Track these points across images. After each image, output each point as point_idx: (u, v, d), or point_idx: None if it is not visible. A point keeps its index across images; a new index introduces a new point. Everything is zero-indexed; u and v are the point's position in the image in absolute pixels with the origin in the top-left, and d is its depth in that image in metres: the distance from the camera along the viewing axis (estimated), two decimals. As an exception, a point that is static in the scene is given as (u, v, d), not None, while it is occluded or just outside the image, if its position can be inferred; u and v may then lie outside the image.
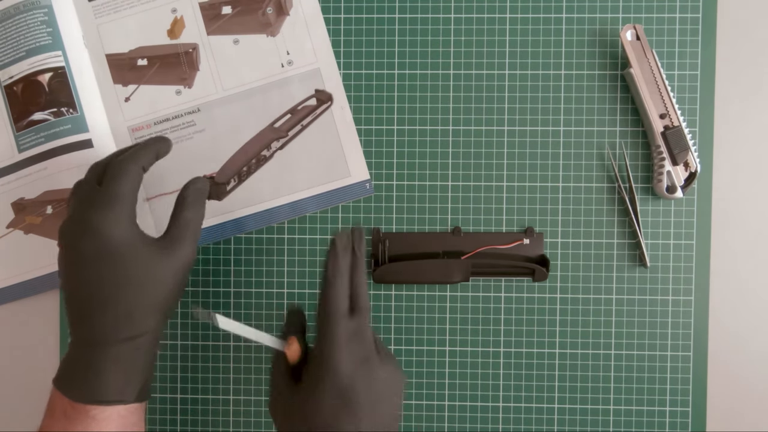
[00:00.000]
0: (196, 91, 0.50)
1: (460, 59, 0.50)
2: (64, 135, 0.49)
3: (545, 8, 0.49)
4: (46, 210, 0.50)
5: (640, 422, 0.49)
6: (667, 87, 0.47)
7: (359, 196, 0.50)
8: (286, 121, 0.50)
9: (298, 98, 0.50)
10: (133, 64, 0.50)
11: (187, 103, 0.50)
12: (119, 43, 0.50)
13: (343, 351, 0.37)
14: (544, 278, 0.49)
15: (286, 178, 0.50)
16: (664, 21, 0.49)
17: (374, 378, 0.37)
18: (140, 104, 0.50)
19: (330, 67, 0.50)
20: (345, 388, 0.37)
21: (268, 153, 0.50)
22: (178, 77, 0.50)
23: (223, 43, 0.50)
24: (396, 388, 0.39)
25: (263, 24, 0.50)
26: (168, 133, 0.50)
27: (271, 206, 0.50)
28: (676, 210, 0.49)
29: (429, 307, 0.50)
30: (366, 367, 0.37)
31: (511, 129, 0.50)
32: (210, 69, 0.50)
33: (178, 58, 0.50)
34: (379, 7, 0.50)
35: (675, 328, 0.49)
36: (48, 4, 0.49)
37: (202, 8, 0.50)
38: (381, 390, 0.38)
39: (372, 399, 0.37)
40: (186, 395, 0.51)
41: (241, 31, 0.50)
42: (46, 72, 0.49)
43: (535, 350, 0.50)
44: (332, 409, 0.36)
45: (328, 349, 0.37)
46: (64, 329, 0.51)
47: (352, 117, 0.50)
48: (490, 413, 0.50)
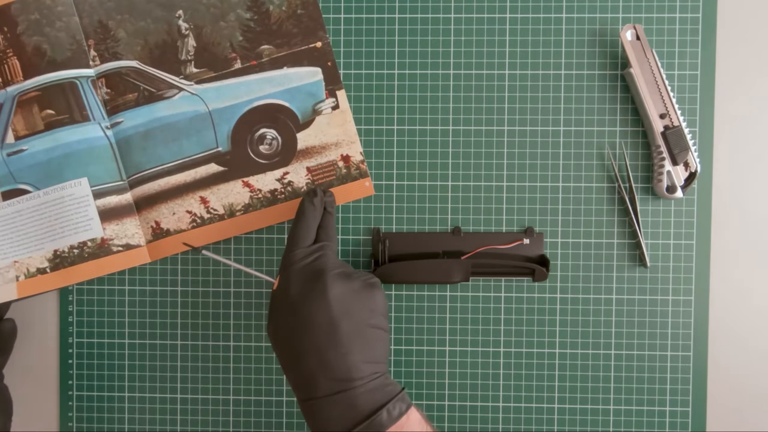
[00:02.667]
0: None
1: (460, 59, 0.50)
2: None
3: (545, 8, 0.49)
4: None
5: (640, 422, 0.49)
6: (667, 87, 0.47)
7: (359, 196, 0.50)
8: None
9: None
10: None
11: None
12: None
13: (290, 275, 0.41)
14: (544, 278, 0.49)
15: None
16: (664, 21, 0.49)
17: (324, 292, 0.40)
18: None
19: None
20: (294, 305, 0.40)
21: None
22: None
23: None
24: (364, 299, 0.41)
25: None
26: None
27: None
28: (676, 210, 0.49)
29: (429, 307, 0.50)
30: (313, 285, 0.40)
31: (511, 129, 0.50)
32: None
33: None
34: (379, 7, 0.50)
35: (675, 328, 0.49)
36: None
37: None
38: (341, 306, 0.40)
39: (326, 310, 0.40)
40: (186, 395, 0.51)
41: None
42: None
43: (535, 350, 0.50)
44: (289, 324, 0.40)
45: (281, 276, 0.42)
46: (65, 329, 0.51)
47: (352, 116, 0.50)
48: (490, 413, 0.50)
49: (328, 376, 0.39)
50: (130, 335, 0.51)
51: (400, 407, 0.39)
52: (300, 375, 0.40)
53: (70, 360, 0.51)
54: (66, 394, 0.51)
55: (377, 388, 0.39)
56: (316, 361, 0.39)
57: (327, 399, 0.39)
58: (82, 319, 0.51)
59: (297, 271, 0.41)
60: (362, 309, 0.41)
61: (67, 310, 0.51)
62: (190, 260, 0.51)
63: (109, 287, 0.51)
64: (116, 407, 0.51)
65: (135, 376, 0.51)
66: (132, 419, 0.51)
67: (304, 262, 0.42)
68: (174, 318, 0.51)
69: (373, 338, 0.41)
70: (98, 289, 0.51)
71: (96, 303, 0.51)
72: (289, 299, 0.41)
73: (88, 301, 0.51)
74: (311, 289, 0.40)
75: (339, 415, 0.38)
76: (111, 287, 0.51)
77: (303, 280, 0.41)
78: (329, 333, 0.39)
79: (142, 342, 0.51)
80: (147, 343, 0.51)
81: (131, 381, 0.51)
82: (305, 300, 0.40)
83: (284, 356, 0.41)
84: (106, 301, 0.51)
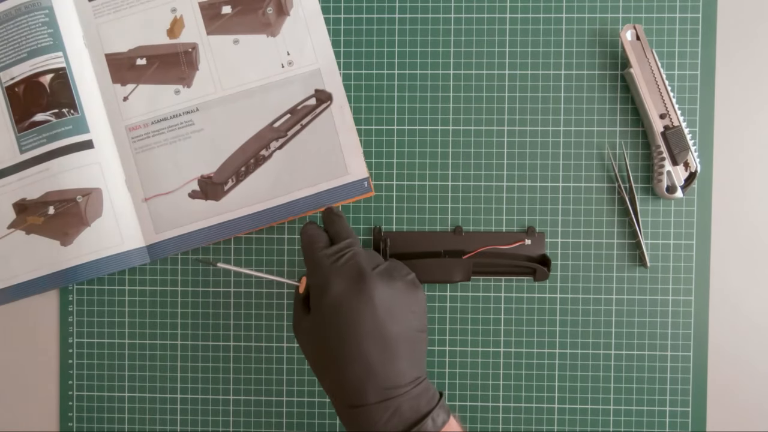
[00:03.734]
0: (195, 90, 0.50)
1: (460, 59, 0.50)
2: (65, 136, 0.49)
3: (545, 8, 0.49)
4: (48, 210, 0.50)
5: (640, 422, 0.49)
6: (667, 87, 0.47)
7: (358, 195, 0.50)
8: (285, 121, 0.50)
9: (298, 98, 0.50)
10: (132, 63, 0.50)
11: (185, 103, 0.50)
12: (119, 43, 0.50)
13: (327, 276, 0.39)
14: (546, 278, 0.49)
15: (284, 178, 0.50)
16: (664, 21, 0.49)
17: (370, 295, 0.38)
18: (138, 103, 0.50)
19: (330, 67, 0.50)
20: (337, 308, 0.38)
21: (266, 153, 0.50)
22: (177, 77, 0.50)
23: (223, 43, 0.50)
24: (407, 301, 0.40)
25: (263, 24, 0.50)
26: (165, 133, 0.50)
27: (270, 206, 0.50)
28: (676, 210, 0.49)
29: (429, 306, 0.50)
30: (357, 287, 0.39)
31: (511, 129, 0.50)
32: (209, 69, 0.50)
33: (177, 58, 0.50)
34: (379, 7, 0.50)
35: (675, 328, 0.49)
36: (49, 5, 0.49)
37: (202, 8, 0.50)
38: (387, 308, 0.39)
39: (372, 314, 0.38)
40: (186, 395, 0.51)
41: (241, 31, 0.50)
42: (48, 73, 0.49)
43: (535, 350, 0.50)
44: (329, 329, 0.39)
45: (312, 277, 0.41)
46: (65, 329, 0.51)
47: (351, 116, 0.50)
48: (490, 413, 0.50)
49: (376, 383, 0.38)
50: (130, 335, 0.51)
51: (443, 416, 0.38)
52: (344, 381, 0.38)
53: (70, 360, 0.51)
54: (66, 394, 0.51)
55: (421, 394, 0.38)
56: (363, 367, 0.38)
57: (374, 407, 0.37)
58: (82, 319, 0.51)
59: (336, 270, 0.40)
60: (406, 311, 0.40)
61: (67, 310, 0.51)
62: (190, 260, 0.51)
63: (109, 287, 0.51)
64: (116, 407, 0.51)
65: (135, 376, 0.51)
66: (132, 419, 0.51)
67: (340, 260, 0.40)
68: (174, 318, 0.51)
69: (417, 341, 0.40)
70: (98, 289, 0.51)
71: (96, 303, 0.51)
72: (330, 300, 0.39)
73: (88, 301, 0.51)
74: (356, 291, 0.39)
75: (385, 422, 0.37)
76: (111, 287, 0.51)
77: (344, 279, 0.39)
78: (377, 338, 0.38)
79: (142, 342, 0.51)
80: (147, 343, 0.51)
81: (131, 381, 0.51)
82: (350, 302, 0.38)
83: (321, 361, 0.40)
84: (106, 301, 0.51)
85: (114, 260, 0.50)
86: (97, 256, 0.50)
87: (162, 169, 0.50)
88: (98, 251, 0.50)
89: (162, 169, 0.50)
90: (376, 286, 0.39)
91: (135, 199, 0.50)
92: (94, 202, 0.49)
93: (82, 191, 0.49)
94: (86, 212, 0.49)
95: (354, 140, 0.50)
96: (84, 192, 0.49)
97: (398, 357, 0.38)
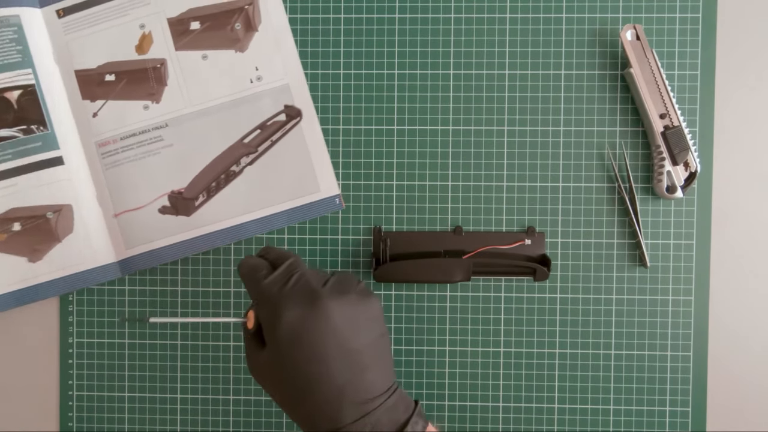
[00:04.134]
0: (164, 106, 0.50)
1: (460, 59, 0.50)
2: (34, 152, 0.49)
3: (545, 8, 0.49)
4: (12, 227, 0.49)
5: (640, 422, 0.49)
6: (667, 87, 0.47)
7: (329, 211, 0.50)
8: (255, 137, 0.50)
9: (268, 114, 0.50)
10: (101, 79, 0.50)
11: (154, 119, 0.50)
12: (88, 59, 0.50)
13: (277, 304, 0.37)
14: (546, 278, 0.49)
15: (255, 193, 0.50)
16: (664, 21, 0.49)
17: (326, 314, 0.37)
18: (108, 119, 0.50)
19: (299, 83, 0.50)
20: (294, 336, 0.37)
21: (237, 168, 0.50)
22: (146, 92, 0.50)
23: (192, 59, 0.50)
24: (363, 311, 0.38)
25: (232, 40, 0.50)
26: (135, 148, 0.50)
27: (241, 222, 0.50)
28: (676, 210, 0.49)
29: (429, 306, 0.50)
30: (311, 309, 0.37)
31: (511, 129, 0.50)
32: (178, 84, 0.50)
33: (146, 74, 0.50)
34: (379, 7, 0.50)
35: (675, 328, 0.49)
36: (17, 22, 0.49)
37: (171, 23, 0.50)
38: (347, 325, 0.37)
39: (333, 334, 0.37)
40: (186, 395, 0.51)
41: (209, 47, 0.50)
42: (15, 89, 0.48)
43: (535, 350, 0.50)
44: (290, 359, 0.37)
45: (262, 309, 0.38)
46: (65, 329, 0.51)
47: (321, 132, 0.50)
48: (490, 413, 0.50)
49: (351, 400, 0.36)
50: (130, 335, 0.51)
51: (422, 423, 0.38)
52: (316, 409, 0.37)
53: (70, 360, 0.51)
54: (66, 394, 0.51)
55: (397, 403, 0.38)
56: (334, 389, 0.36)
57: (352, 425, 0.36)
58: (82, 319, 0.51)
59: (285, 296, 0.37)
60: (365, 321, 0.38)
61: (67, 310, 0.51)
62: (190, 260, 0.51)
63: (109, 287, 0.51)
64: (116, 407, 0.51)
65: (135, 376, 0.51)
66: (132, 419, 0.51)
67: (287, 284, 0.38)
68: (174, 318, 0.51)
69: (382, 348, 0.39)
70: (98, 289, 0.51)
71: (96, 303, 0.51)
72: (285, 329, 0.37)
73: (88, 301, 0.51)
74: (311, 313, 0.37)
75: None
76: (111, 287, 0.51)
77: (295, 304, 0.37)
78: (343, 356, 0.37)
79: (142, 342, 0.51)
80: (147, 343, 0.51)
81: (131, 381, 0.51)
82: (307, 327, 0.37)
83: (288, 394, 0.38)
84: (106, 301, 0.51)
85: (85, 276, 0.50)
86: (68, 272, 0.49)
87: (132, 184, 0.50)
88: (69, 267, 0.49)
89: (132, 185, 0.50)
90: (330, 303, 0.37)
91: (106, 215, 0.50)
92: (65, 218, 0.49)
93: (53, 207, 0.49)
94: (57, 228, 0.49)
95: (324, 156, 0.50)
96: (55, 208, 0.49)
97: (367, 369, 0.37)
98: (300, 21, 0.50)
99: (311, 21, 0.50)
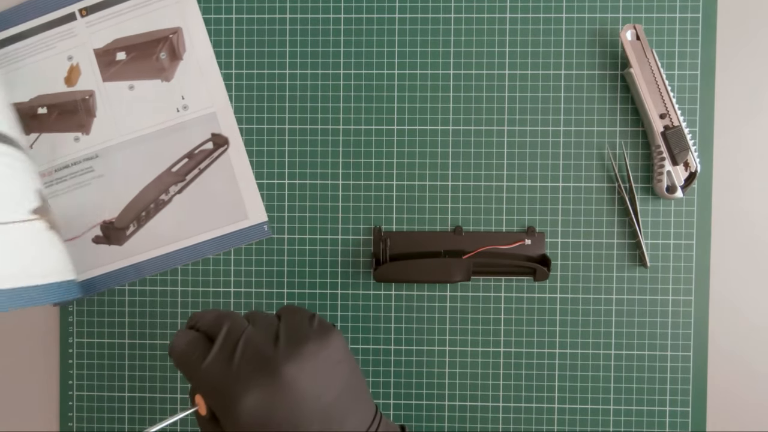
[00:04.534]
0: (94, 137, 0.50)
1: (460, 59, 0.50)
2: None
3: (545, 8, 0.49)
4: None
5: (640, 422, 0.49)
6: (667, 87, 0.47)
7: (257, 239, 0.50)
8: (183, 165, 0.50)
9: (195, 142, 0.50)
10: (34, 112, 0.50)
11: (85, 150, 0.50)
12: (20, 93, 0.50)
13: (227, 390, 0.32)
14: (546, 278, 0.49)
15: (184, 221, 0.50)
16: (664, 21, 0.49)
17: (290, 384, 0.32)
18: (42, 152, 0.50)
19: (225, 111, 0.50)
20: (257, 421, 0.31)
21: (166, 197, 0.50)
22: (77, 124, 0.50)
23: (119, 89, 0.50)
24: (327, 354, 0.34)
25: (157, 69, 0.50)
26: (68, 180, 0.50)
27: (171, 250, 0.50)
28: (676, 210, 0.49)
29: (429, 306, 0.50)
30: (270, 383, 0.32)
31: (511, 129, 0.50)
32: (107, 115, 0.50)
33: (76, 105, 0.50)
34: (379, 7, 0.50)
35: (675, 328, 0.49)
36: None
37: (97, 54, 0.50)
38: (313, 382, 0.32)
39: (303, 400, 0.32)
40: (186, 395, 0.51)
41: (136, 77, 0.50)
42: None
43: (535, 350, 0.50)
44: None
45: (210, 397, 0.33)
46: (65, 329, 0.51)
47: (248, 160, 0.50)
48: (490, 413, 0.50)
49: None
50: (130, 335, 0.51)
51: None
52: None
53: (70, 360, 0.51)
54: (66, 394, 0.51)
55: None
56: None
57: None
58: (82, 319, 0.51)
59: (233, 377, 0.32)
60: (332, 368, 0.34)
61: (67, 310, 0.51)
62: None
63: (109, 287, 0.51)
64: (116, 407, 0.51)
65: (135, 376, 0.51)
66: (132, 419, 0.51)
67: (233, 359, 0.33)
68: (174, 318, 0.51)
69: (355, 387, 0.35)
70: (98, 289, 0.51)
71: (96, 303, 0.51)
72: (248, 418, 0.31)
73: (88, 301, 0.51)
74: (274, 392, 0.31)
75: None
76: (111, 287, 0.51)
77: (249, 382, 0.32)
78: (319, 419, 0.32)
79: (142, 342, 0.51)
80: (147, 343, 0.51)
81: (131, 381, 0.51)
82: (273, 407, 0.32)
83: None
84: (106, 301, 0.51)
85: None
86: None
87: (67, 215, 0.50)
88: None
89: (67, 216, 0.50)
90: (290, 369, 0.32)
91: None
92: None
93: None
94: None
95: (251, 184, 0.50)
96: None
97: (345, 418, 0.33)
98: (300, 21, 0.50)
99: (311, 21, 0.50)
